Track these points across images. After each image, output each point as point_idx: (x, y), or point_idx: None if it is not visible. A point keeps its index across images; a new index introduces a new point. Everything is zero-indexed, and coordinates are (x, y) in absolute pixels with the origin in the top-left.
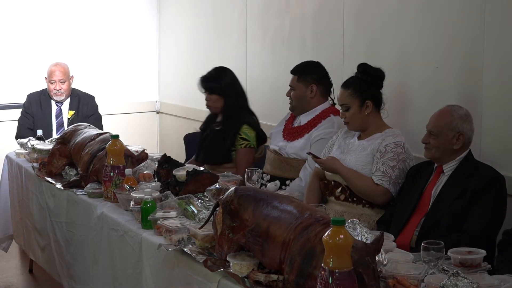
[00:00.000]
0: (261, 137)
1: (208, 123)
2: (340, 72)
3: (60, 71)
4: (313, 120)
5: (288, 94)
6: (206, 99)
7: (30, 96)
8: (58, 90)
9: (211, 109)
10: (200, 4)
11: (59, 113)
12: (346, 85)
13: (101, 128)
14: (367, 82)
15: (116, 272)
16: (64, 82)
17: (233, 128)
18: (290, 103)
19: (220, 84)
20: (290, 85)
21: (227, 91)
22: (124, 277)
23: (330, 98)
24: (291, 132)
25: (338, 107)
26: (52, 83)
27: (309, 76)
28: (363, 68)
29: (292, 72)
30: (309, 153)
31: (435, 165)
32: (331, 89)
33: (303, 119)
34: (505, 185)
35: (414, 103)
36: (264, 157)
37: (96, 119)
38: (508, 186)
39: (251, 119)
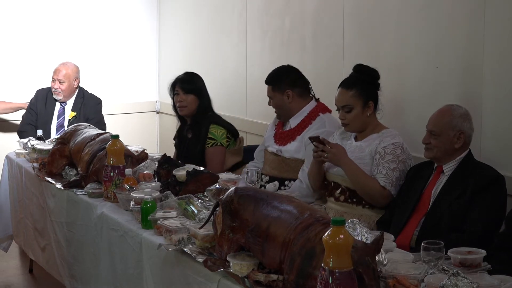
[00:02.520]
0: (234, 132)
1: (180, 133)
2: (340, 72)
3: (62, 71)
4: (303, 122)
5: (269, 104)
6: (180, 100)
7: (38, 92)
8: (56, 89)
9: (184, 110)
10: (200, 4)
11: (62, 113)
12: (347, 85)
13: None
14: (368, 82)
15: (117, 272)
16: (63, 83)
17: (201, 132)
18: (276, 113)
19: (196, 85)
20: (268, 96)
21: (201, 93)
22: (124, 277)
23: (312, 94)
24: (282, 136)
25: (325, 104)
26: (53, 80)
27: (282, 83)
28: (362, 69)
29: (266, 82)
30: (312, 138)
31: (435, 165)
32: (309, 86)
33: (292, 122)
34: (505, 185)
35: (414, 103)
36: (243, 148)
37: (97, 122)
38: (508, 186)
39: (217, 118)
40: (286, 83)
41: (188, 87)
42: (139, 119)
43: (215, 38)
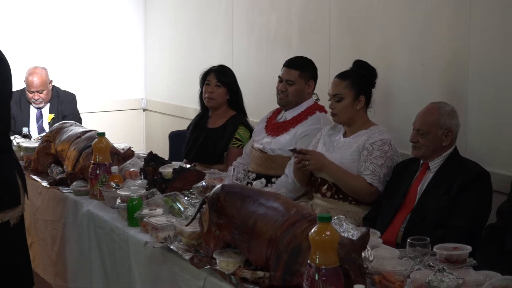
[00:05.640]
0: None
1: (197, 122)
2: (326, 68)
3: (38, 81)
4: (299, 115)
5: (283, 88)
6: (210, 91)
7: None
8: (36, 99)
9: (212, 102)
10: (186, 1)
11: (40, 117)
12: (342, 76)
13: None
14: (364, 77)
15: (107, 269)
16: (43, 91)
17: (229, 129)
18: (281, 98)
19: (229, 79)
20: (288, 79)
21: (233, 88)
22: (114, 274)
23: (314, 93)
24: (275, 127)
25: (321, 102)
26: (30, 92)
27: (309, 72)
28: (361, 64)
29: (292, 66)
30: (292, 150)
31: (421, 161)
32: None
33: (288, 115)
34: (490, 181)
35: (400, 99)
36: None
37: (73, 119)
38: (493, 182)
39: (246, 120)
40: (311, 73)
41: (221, 78)
42: (125, 117)
43: (202, 35)
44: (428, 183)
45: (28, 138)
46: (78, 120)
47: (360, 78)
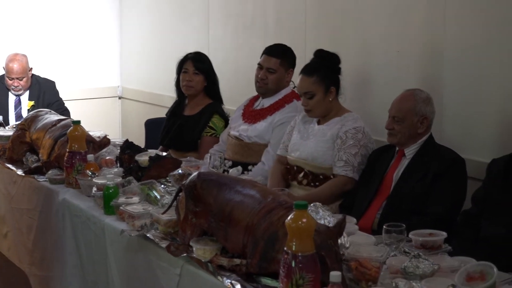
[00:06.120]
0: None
1: (174, 109)
2: (302, 56)
3: (18, 68)
4: (276, 103)
5: (263, 76)
6: (189, 79)
7: None
8: (16, 86)
9: (191, 90)
10: None
11: (18, 104)
12: (308, 72)
13: (67, 112)
14: (329, 68)
15: (83, 258)
16: (23, 78)
17: (204, 117)
18: (261, 86)
19: (207, 66)
20: (269, 67)
21: (210, 74)
22: (90, 263)
23: (291, 81)
24: (252, 114)
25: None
26: (10, 79)
27: (289, 60)
28: (322, 54)
29: (273, 54)
30: None
31: (397, 148)
32: None
33: (266, 102)
34: (465, 167)
35: (376, 87)
36: None
37: (59, 106)
38: (468, 168)
39: (221, 109)
40: (291, 62)
41: (199, 66)
42: (100, 105)
43: (178, 22)
44: (404, 170)
45: (3, 126)
46: (63, 106)
47: (326, 70)
